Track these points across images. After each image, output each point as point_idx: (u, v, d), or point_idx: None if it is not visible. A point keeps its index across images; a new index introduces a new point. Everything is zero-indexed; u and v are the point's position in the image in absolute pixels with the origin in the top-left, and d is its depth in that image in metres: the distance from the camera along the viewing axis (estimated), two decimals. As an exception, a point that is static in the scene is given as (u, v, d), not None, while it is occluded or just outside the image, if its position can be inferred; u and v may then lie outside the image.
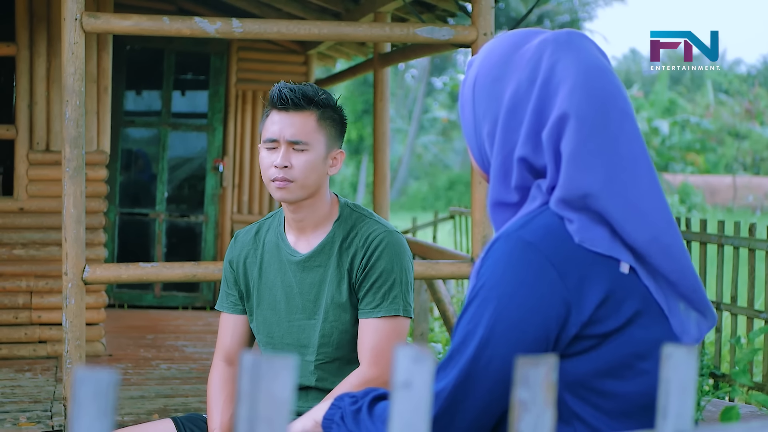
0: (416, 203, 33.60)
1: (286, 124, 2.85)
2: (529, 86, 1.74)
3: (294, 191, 2.85)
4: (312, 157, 2.86)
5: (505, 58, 1.80)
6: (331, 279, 2.89)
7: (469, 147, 1.88)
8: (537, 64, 1.75)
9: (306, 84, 2.91)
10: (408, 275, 2.89)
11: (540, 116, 1.72)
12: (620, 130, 1.70)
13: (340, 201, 2.98)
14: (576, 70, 1.72)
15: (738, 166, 34.39)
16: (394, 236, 2.89)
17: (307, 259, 2.92)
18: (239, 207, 9.22)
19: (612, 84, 1.73)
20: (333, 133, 2.93)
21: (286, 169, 2.83)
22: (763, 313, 6.61)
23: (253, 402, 1.07)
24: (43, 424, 5.00)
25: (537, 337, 1.64)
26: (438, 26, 4.91)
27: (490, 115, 1.79)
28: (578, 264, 1.65)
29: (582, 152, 1.67)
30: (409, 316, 2.88)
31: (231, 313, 3.07)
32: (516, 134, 1.74)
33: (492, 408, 1.68)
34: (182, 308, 9.11)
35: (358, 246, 2.88)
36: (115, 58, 7.19)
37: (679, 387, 1.25)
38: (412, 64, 37.19)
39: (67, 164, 4.46)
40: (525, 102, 1.74)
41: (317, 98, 2.87)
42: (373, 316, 2.84)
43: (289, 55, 9.38)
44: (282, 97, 2.85)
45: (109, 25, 4.54)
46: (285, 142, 2.85)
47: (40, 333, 6.60)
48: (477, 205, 5.03)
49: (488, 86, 1.80)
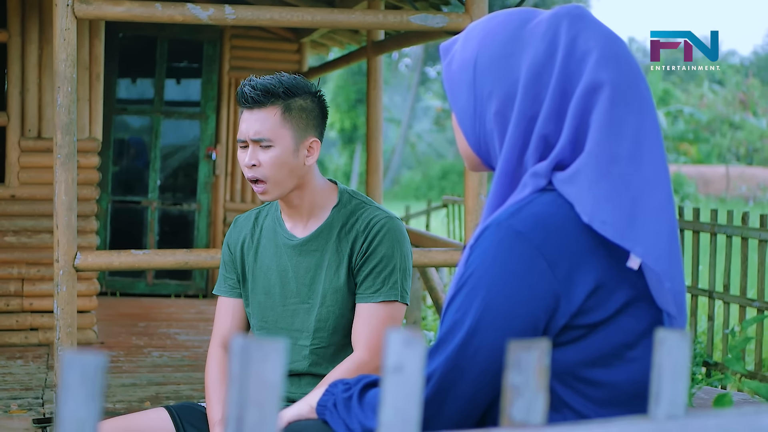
0: (409, 192, 33.59)
1: (251, 122, 2.85)
2: (548, 60, 1.71)
3: (271, 191, 2.85)
4: (278, 152, 2.84)
5: (513, 34, 1.75)
6: (329, 264, 2.88)
7: (463, 131, 1.82)
8: (554, 38, 1.72)
9: (273, 76, 2.88)
10: (407, 262, 2.89)
11: (565, 89, 1.69)
12: (647, 97, 1.72)
13: (339, 187, 2.97)
14: (600, 42, 1.71)
15: (731, 157, 34.43)
16: (395, 222, 2.89)
17: (303, 243, 2.92)
18: (232, 195, 9.21)
19: (631, 54, 1.75)
20: (302, 123, 2.88)
21: (255, 168, 2.84)
22: (755, 301, 6.62)
23: (242, 385, 1.06)
24: (35, 411, 4.99)
25: (525, 327, 1.63)
26: (432, 14, 4.90)
27: (500, 92, 1.74)
28: (569, 254, 1.64)
29: (615, 118, 1.67)
30: (405, 303, 2.88)
31: (229, 296, 3.05)
32: (535, 109, 1.71)
33: (479, 396, 1.67)
34: (174, 296, 9.10)
35: (359, 231, 2.87)
36: (107, 46, 7.16)
37: (672, 372, 1.25)
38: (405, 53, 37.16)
39: (58, 151, 4.44)
40: (546, 76, 1.71)
41: (279, 91, 2.83)
42: (371, 301, 2.84)
43: (283, 43, 9.36)
44: (244, 96, 2.84)
45: (101, 11, 4.51)
46: (250, 141, 2.85)
47: (32, 320, 6.59)
48: (470, 194, 5.02)
49: (496, 64, 1.75)
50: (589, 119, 1.68)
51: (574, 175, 1.66)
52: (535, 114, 1.71)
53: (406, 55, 37.90)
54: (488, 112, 1.76)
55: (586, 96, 1.68)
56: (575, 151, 1.69)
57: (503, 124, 1.74)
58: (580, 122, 1.68)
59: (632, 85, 1.70)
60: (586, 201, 1.64)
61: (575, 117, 1.68)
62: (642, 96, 1.71)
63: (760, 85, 36.34)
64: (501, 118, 1.74)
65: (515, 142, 1.72)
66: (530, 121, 1.71)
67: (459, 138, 1.86)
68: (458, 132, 1.85)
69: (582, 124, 1.68)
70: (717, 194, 29.49)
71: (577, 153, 1.68)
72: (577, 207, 1.64)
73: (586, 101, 1.68)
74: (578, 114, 1.68)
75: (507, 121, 1.74)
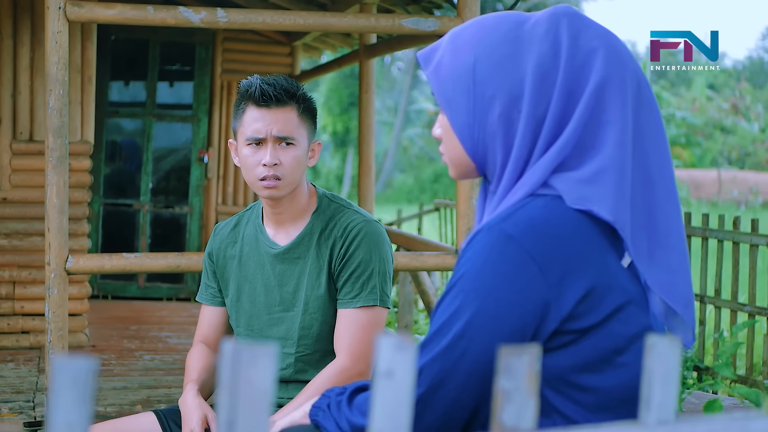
0: (402, 196, 33.57)
1: (270, 120, 2.82)
2: (553, 59, 1.71)
3: (283, 188, 2.84)
4: (299, 152, 2.86)
5: (511, 35, 1.74)
6: (311, 270, 2.88)
7: (459, 137, 1.78)
8: (556, 37, 1.72)
9: (280, 76, 2.89)
10: (386, 265, 2.88)
11: (571, 88, 1.70)
12: (652, 95, 1.75)
13: (318, 192, 2.97)
14: (603, 40, 1.73)
15: (723, 161, 34.47)
16: (372, 226, 2.87)
17: (285, 252, 2.91)
18: (224, 198, 9.20)
19: (630, 52, 1.77)
20: (311, 125, 2.92)
21: (276, 167, 2.82)
22: (746, 306, 6.63)
23: (233, 390, 1.06)
24: (26, 414, 4.98)
25: (514, 330, 1.63)
26: (423, 17, 4.90)
27: (504, 94, 1.72)
28: (561, 258, 1.63)
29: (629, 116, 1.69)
30: (386, 306, 2.87)
31: (211, 305, 3.07)
32: (543, 109, 1.70)
33: (464, 399, 1.67)
34: (166, 299, 9.08)
35: (337, 236, 2.86)
36: (99, 49, 7.15)
37: (663, 377, 1.25)
38: (398, 57, 37.15)
39: (50, 154, 4.44)
40: (552, 75, 1.70)
41: (297, 92, 2.86)
42: (351, 306, 2.83)
43: (275, 47, 9.36)
44: (264, 93, 2.82)
45: (93, 14, 4.51)
46: (272, 139, 2.83)
47: (23, 323, 6.57)
48: (462, 198, 5.02)
49: (498, 66, 1.73)
50: (601, 117, 1.68)
51: (596, 175, 1.67)
52: (542, 114, 1.70)
53: (398, 59, 37.90)
54: (490, 115, 1.73)
55: (596, 94, 1.69)
56: (581, 151, 1.69)
57: (508, 126, 1.72)
58: (588, 121, 1.68)
59: (641, 82, 1.73)
60: (606, 200, 1.66)
61: (584, 116, 1.68)
62: (650, 93, 1.74)
63: (752, 89, 36.39)
64: (506, 119, 1.72)
65: (524, 143, 1.71)
66: (539, 121, 1.71)
67: (451, 145, 1.82)
68: (451, 138, 1.81)
69: (591, 123, 1.69)
70: (709, 198, 29.52)
71: (583, 153, 1.69)
72: (596, 207, 1.65)
73: (596, 100, 1.69)
74: (587, 113, 1.68)
75: (512, 122, 1.72)
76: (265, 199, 2.89)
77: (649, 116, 1.73)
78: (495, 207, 1.76)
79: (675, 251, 1.73)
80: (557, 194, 1.69)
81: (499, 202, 1.74)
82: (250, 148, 2.85)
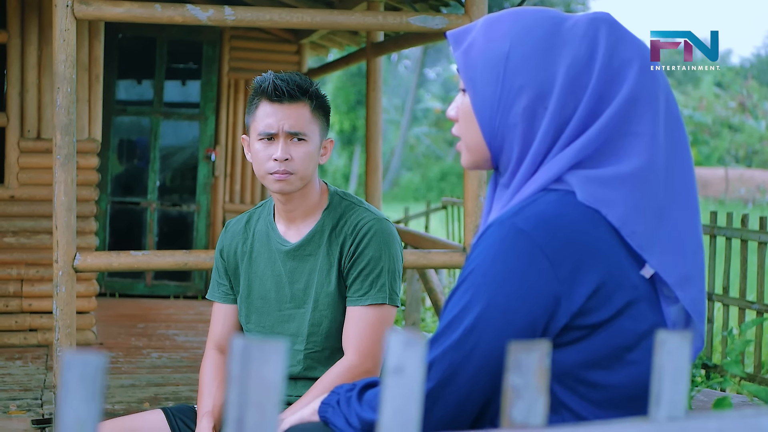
0: (409, 194, 33.56)
1: (283, 116, 2.83)
2: (588, 62, 1.71)
3: (294, 183, 2.84)
4: (310, 148, 2.86)
5: (551, 30, 1.73)
6: (321, 268, 2.88)
7: (479, 121, 1.76)
8: (594, 41, 1.72)
9: (294, 73, 2.89)
10: (396, 263, 2.87)
11: (602, 93, 1.70)
12: (678, 109, 1.76)
13: (329, 189, 2.97)
14: (638, 52, 1.74)
15: (730, 159, 34.41)
16: (382, 224, 2.87)
17: (297, 248, 2.91)
18: (231, 196, 9.20)
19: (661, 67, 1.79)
20: (324, 122, 2.93)
21: (287, 162, 2.82)
22: (754, 304, 6.61)
23: (243, 386, 1.06)
24: (34, 412, 4.99)
25: (524, 325, 1.63)
26: (431, 15, 4.90)
27: (533, 88, 1.71)
28: (572, 253, 1.63)
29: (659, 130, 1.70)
30: (395, 305, 2.87)
31: (223, 302, 3.06)
32: (570, 109, 1.70)
33: (474, 395, 1.67)
34: (174, 297, 9.09)
35: (347, 234, 2.86)
36: (107, 47, 7.16)
37: (673, 374, 1.25)
38: (405, 55, 37.15)
39: (58, 152, 4.44)
40: (585, 78, 1.70)
41: (311, 89, 2.87)
42: (360, 304, 2.83)
43: (282, 45, 9.35)
44: (277, 89, 2.82)
45: (101, 12, 4.51)
46: (284, 134, 2.83)
47: (31, 321, 6.58)
48: (469, 195, 5.02)
49: (533, 58, 1.72)
50: (629, 128, 1.69)
51: (614, 180, 1.67)
52: (569, 114, 1.70)
53: (405, 57, 37.90)
54: (516, 105, 1.73)
55: (627, 104, 1.69)
56: (601, 155, 1.69)
57: (531, 120, 1.72)
58: (615, 129, 1.69)
59: (669, 99, 1.74)
60: (618, 206, 1.66)
61: (611, 122, 1.68)
62: (676, 109, 1.75)
63: (759, 87, 36.32)
64: (530, 113, 1.72)
65: (546, 139, 1.71)
66: (564, 121, 1.70)
67: (470, 129, 1.80)
68: (470, 122, 1.79)
69: (617, 131, 1.69)
70: (716, 196, 29.48)
71: (603, 157, 1.69)
72: (605, 210, 1.65)
73: (626, 109, 1.69)
74: (615, 120, 1.69)
75: (536, 116, 1.71)
76: (276, 195, 2.89)
77: (676, 133, 1.74)
78: (507, 201, 1.75)
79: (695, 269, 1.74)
80: (569, 189, 1.69)
81: (512, 195, 1.74)
82: (262, 143, 2.85)
